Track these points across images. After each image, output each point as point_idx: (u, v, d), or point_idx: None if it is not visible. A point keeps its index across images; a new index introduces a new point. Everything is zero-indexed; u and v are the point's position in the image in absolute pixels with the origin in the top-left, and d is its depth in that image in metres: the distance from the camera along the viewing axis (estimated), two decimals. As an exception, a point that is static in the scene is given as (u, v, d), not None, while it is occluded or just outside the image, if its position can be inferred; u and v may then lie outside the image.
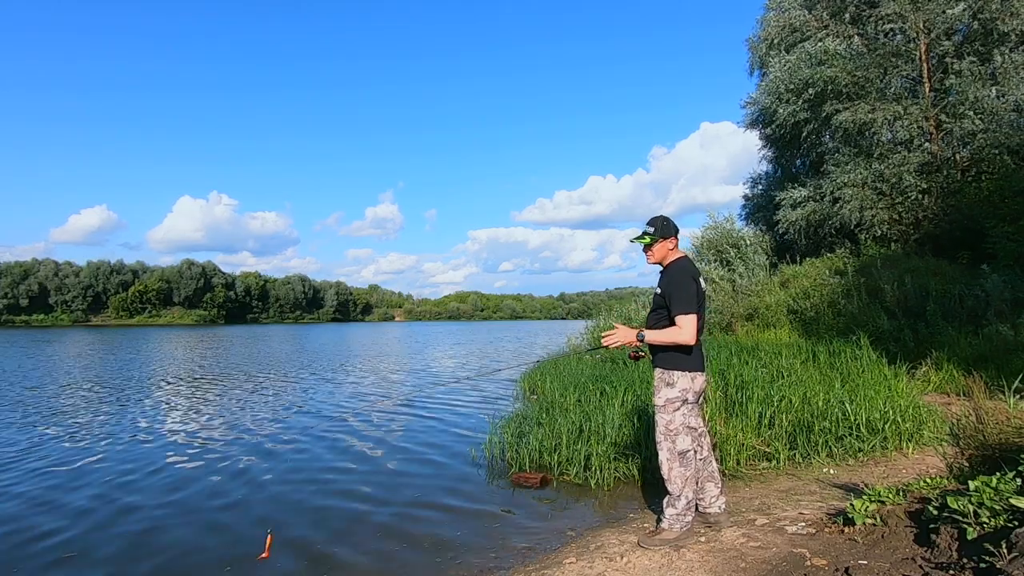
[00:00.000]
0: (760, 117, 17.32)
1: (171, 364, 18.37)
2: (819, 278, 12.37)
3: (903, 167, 13.16)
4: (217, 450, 6.56)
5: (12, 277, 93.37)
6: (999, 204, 10.62)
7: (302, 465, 5.92)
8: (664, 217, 3.43)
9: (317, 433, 7.44)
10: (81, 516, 4.47)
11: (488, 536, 3.92)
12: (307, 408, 9.50)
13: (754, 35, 17.97)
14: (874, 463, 4.74)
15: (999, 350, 7.24)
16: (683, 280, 3.23)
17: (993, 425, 3.30)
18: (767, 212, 18.07)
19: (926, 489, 3.17)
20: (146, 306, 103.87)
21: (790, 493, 4.11)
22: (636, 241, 3.42)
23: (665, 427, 3.33)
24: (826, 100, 13.95)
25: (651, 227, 3.38)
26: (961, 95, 12.72)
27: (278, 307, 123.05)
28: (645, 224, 3.43)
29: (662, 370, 3.34)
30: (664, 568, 3.03)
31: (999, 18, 12.54)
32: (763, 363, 6.79)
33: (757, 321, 12.28)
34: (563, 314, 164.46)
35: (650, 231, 3.37)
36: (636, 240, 3.42)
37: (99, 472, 5.68)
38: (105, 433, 7.49)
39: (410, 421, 8.20)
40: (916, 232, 13.44)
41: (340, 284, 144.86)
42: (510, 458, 5.44)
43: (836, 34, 14.53)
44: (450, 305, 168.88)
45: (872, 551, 2.72)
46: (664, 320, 3.31)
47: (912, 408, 5.31)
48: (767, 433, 5.05)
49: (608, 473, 4.77)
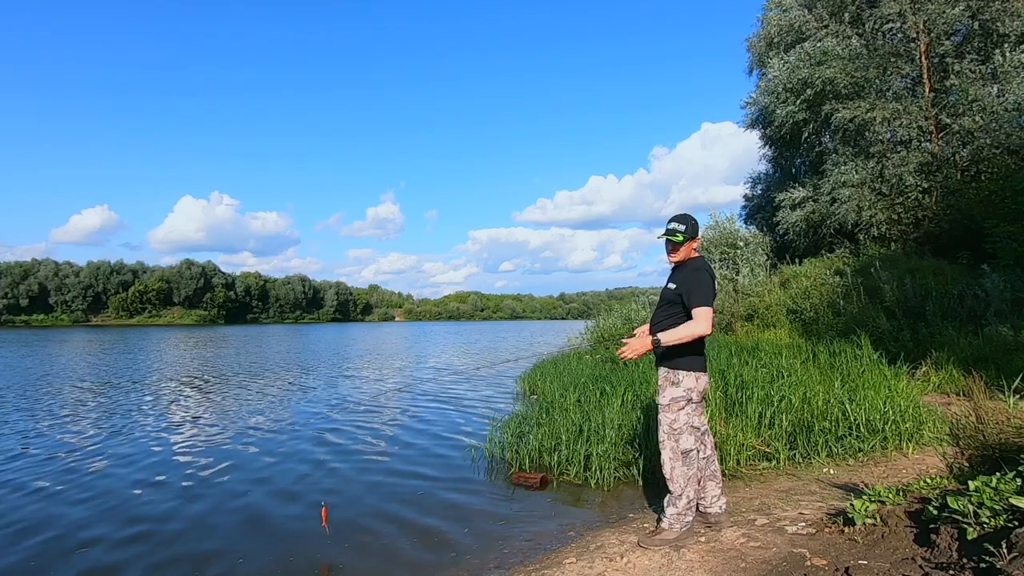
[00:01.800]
0: (759, 117, 17.33)
1: (172, 365, 18.39)
2: (819, 278, 12.36)
3: (903, 167, 13.16)
4: (212, 450, 6.56)
5: (12, 277, 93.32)
6: (999, 204, 10.62)
7: (299, 465, 5.91)
8: (692, 217, 3.35)
9: (315, 434, 7.43)
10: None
11: (488, 536, 3.92)
12: (307, 408, 9.49)
13: (753, 35, 18.00)
14: (874, 463, 4.73)
15: (999, 350, 7.23)
16: (701, 275, 3.23)
17: (993, 425, 3.29)
18: (767, 212, 18.10)
19: (926, 489, 3.17)
20: (146, 306, 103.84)
21: (790, 493, 4.10)
22: (666, 237, 3.32)
23: (669, 426, 3.32)
24: (825, 100, 13.96)
25: (682, 225, 3.28)
26: (961, 95, 12.72)
27: (278, 307, 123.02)
28: (670, 222, 3.33)
29: (667, 369, 3.33)
30: (664, 568, 3.03)
31: (999, 19, 12.54)
32: (763, 363, 6.79)
33: (757, 321, 12.28)
34: (563, 314, 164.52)
35: (681, 229, 3.27)
36: (666, 236, 3.31)
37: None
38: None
39: (410, 421, 8.20)
40: (916, 232, 13.44)
41: (340, 284, 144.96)
42: (510, 458, 5.44)
43: (835, 34, 14.53)
44: (450, 305, 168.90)
45: (872, 551, 2.72)
46: (679, 316, 3.27)
47: (912, 408, 5.30)
48: (767, 433, 5.04)
49: (608, 473, 4.77)
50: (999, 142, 12.28)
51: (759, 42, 17.40)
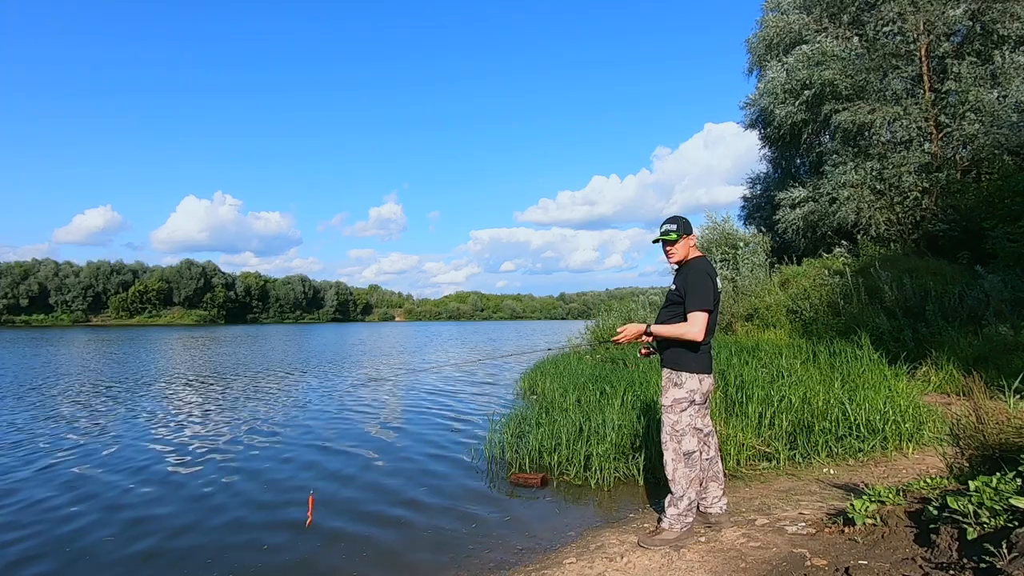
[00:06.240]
0: (759, 118, 17.35)
1: (173, 365, 18.38)
2: (818, 278, 12.37)
3: (902, 167, 13.17)
4: (208, 453, 6.56)
5: (12, 277, 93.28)
6: (999, 204, 10.63)
7: (298, 466, 5.92)
8: (682, 216, 3.43)
9: (312, 434, 7.43)
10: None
11: (488, 536, 3.92)
12: (306, 409, 9.49)
13: (753, 36, 17.98)
14: (874, 463, 4.73)
15: (999, 350, 7.24)
16: (701, 278, 3.25)
17: (993, 425, 3.29)
18: (766, 212, 18.10)
19: (926, 489, 3.17)
20: (146, 306, 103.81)
21: (790, 493, 4.10)
22: (662, 239, 3.38)
23: (671, 427, 3.33)
24: (824, 101, 13.97)
25: (673, 224, 3.37)
26: (961, 96, 12.73)
27: (278, 307, 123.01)
28: (662, 225, 3.42)
29: (670, 371, 3.34)
30: (664, 568, 3.03)
31: (999, 20, 12.55)
32: (763, 363, 6.79)
33: (757, 321, 12.29)
34: (563, 314, 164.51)
35: (673, 228, 3.35)
36: (662, 239, 3.38)
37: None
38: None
39: (409, 421, 8.20)
40: (915, 232, 13.46)
41: (340, 284, 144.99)
42: (510, 458, 5.44)
43: (834, 36, 14.53)
44: (450, 305, 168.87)
45: (872, 551, 2.72)
46: (681, 317, 3.30)
47: (912, 408, 5.31)
48: (767, 433, 5.05)
49: (608, 473, 4.77)
50: (999, 143, 12.29)
51: (758, 44, 17.40)
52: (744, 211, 20.72)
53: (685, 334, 3.19)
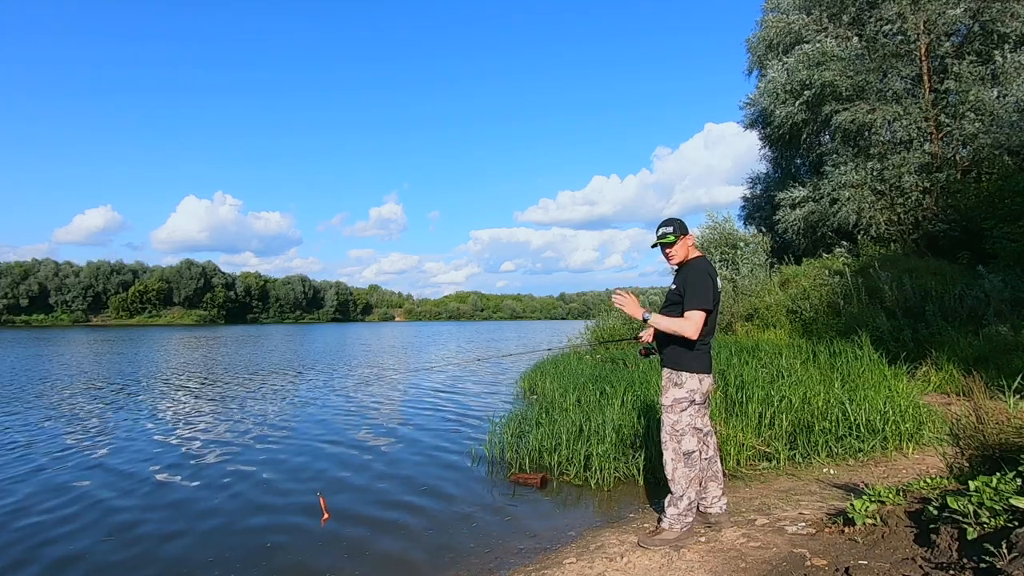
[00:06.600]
0: (759, 118, 17.36)
1: (174, 364, 18.38)
2: (818, 278, 12.37)
3: (903, 167, 13.17)
4: (208, 453, 6.56)
5: (12, 277, 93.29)
6: (999, 204, 10.63)
7: (298, 466, 5.92)
8: (678, 218, 3.45)
9: (313, 434, 7.43)
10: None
11: (488, 536, 3.92)
12: (307, 410, 9.49)
13: (753, 36, 18.00)
14: (874, 463, 4.73)
15: (999, 350, 7.24)
16: (701, 277, 3.26)
17: (993, 425, 3.29)
18: (766, 212, 18.10)
19: (926, 489, 3.17)
20: (146, 306, 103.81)
21: (790, 493, 4.10)
22: (660, 242, 3.39)
23: (671, 427, 3.33)
24: (825, 101, 13.97)
25: (669, 227, 3.38)
26: (961, 96, 12.73)
27: (278, 307, 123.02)
28: (657, 229, 3.43)
29: (671, 370, 3.35)
30: (664, 568, 3.03)
31: (999, 19, 12.56)
32: (763, 363, 6.79)
33: (757, 321, 12.29)
34: (563, 314, 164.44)
35: (669, 231, 3.36)
36: (660, 242, 3.39)
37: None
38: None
39: (409, 421, 8.19)
40: (916, 232, 13.46)
41: (340, 284, 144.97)
42: (510, 458, 5.44)
43: (834, 36, 14.54)
44: (450, 305, 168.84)
45: (872, 551, 2.72)
46: (678, 316, 3.30)
47: (912, 408, 5.31)
48: (767, 433, 5.05)
49: (608, 473, 4.77)
50: (999, 142, 12.29)
51: (758, 44, 17.41)
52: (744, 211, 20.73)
53: (680, 330, 3.20)
